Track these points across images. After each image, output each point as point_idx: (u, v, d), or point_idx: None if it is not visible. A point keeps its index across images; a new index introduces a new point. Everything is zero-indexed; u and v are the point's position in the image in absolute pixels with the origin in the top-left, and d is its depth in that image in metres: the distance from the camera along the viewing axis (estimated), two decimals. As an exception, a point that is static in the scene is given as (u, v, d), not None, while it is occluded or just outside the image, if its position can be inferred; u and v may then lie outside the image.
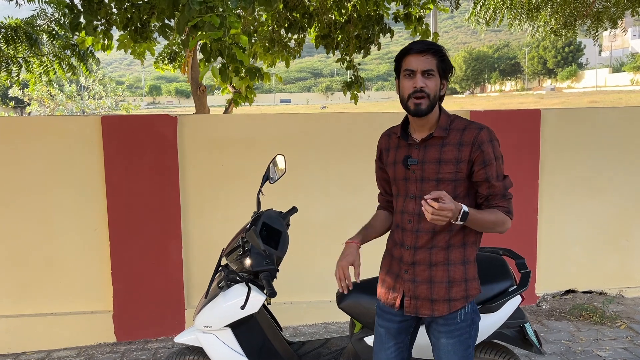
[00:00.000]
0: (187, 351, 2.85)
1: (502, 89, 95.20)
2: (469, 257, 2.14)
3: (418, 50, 2.02)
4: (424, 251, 2.11)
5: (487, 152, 2.06)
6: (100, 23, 6.20)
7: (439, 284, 2.11)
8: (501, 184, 2.11)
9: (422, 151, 2.10)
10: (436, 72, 2.03)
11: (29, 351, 4.17)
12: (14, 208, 4.11)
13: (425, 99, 2.01)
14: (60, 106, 18.83)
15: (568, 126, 4.61)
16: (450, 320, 2.12)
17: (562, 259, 4.71)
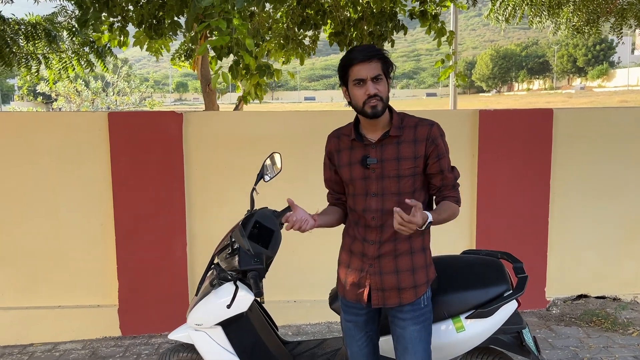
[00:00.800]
0: (182, 348, 2.85)
1: (530, 88, 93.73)
2: (427, 244, 2.28)
3: (363, 58, 2.08)
4: (389, 244, 2.20)
5: (440, 146, 2.18)
6: (117, 20, 6.27)
7: (405, 272, 2.21)
8: (452, 175, 2.23)
9: (379, 150, 2.18)
10: (383, 75, 2.12)
11: (36, 342, 4.24)
12: (23, 202, 4.18)
13: (380, 101, 2.11)
14: (86, 102, 19.16)
15: (582, 126, 4.48)
16: (416, 305, 2.22)
17: (574, 262, 4.59)
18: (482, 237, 4.40)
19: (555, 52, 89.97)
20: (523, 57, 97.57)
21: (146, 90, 21.97)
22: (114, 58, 7.73)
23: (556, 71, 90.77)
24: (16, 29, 6.72)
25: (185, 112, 4.26)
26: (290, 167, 4.15)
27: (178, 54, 7.70)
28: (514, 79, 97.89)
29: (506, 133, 4.35)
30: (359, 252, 2.25)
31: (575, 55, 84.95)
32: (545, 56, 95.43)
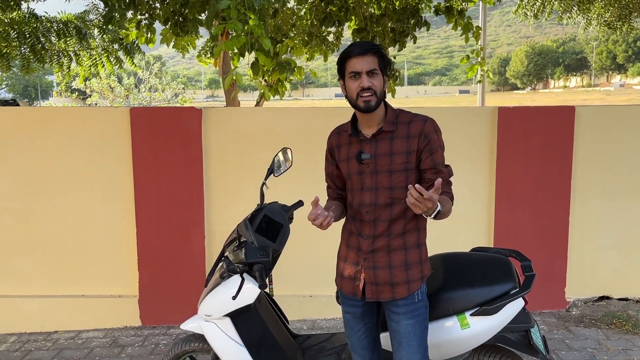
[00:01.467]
0: (193, 338, 2.92)
1: (567, 85, 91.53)
2: (422, 240, 2.30)
3: (359, 52, 2.13)
4: (382, 239, 2.23)
5: (433, 141, 2.19)
6: (144, 17, 6.40)
7: (398, 268, 2.23)
8: (446, 170, 2.27)
9: (373, 145, 2.22)
10: (379, 70, 2.15)
11: (60, 330, 4.38)
12: (49, 194, 4.32)
13: (373, 95, 2.14)
14: (119, 98, 19.60)
15: (605, 124, 4.38)
16: (410, 300, 2.24)
17: (595, 263, 4.50)
18: (500, 236, 4.35)
19: (593, 49, 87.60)
20: (560, 53, 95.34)
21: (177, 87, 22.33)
22: (143, 55, 7.89)
23: (594, 68, 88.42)
24: (48, 27, 6.93)
25: (205, 108, 4.34)
26: (305, 163, 4.19)
27: (204, 50, 7.81)
28: (550, 76, 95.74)
29: (526, 131, 4.29)
30: (354, 246, 2.31)
31: (614, 51, 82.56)
32: (583, 52, 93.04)
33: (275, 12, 6.25)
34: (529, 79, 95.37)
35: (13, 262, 4.37)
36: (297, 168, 3.54)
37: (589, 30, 8.14)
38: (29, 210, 4.34)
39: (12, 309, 4.37)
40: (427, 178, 2.22)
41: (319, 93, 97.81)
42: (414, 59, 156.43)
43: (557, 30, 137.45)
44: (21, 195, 4.32)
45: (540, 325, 4.20)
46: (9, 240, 4.35)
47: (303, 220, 3.62)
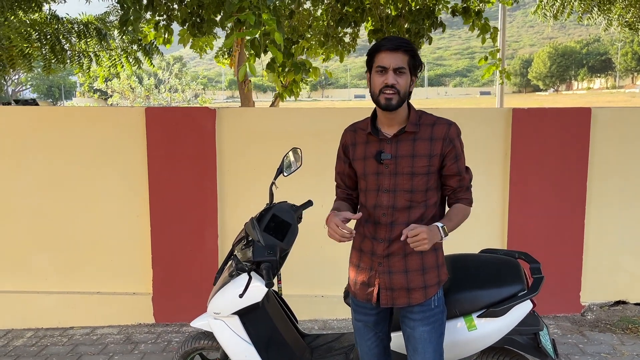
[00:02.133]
0: (203, 336, 2.96)
1: (591, 87, 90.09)
2: (438, 244, 2.20)
3: (390, 47, 2.06)
4: (398, 242, 2.15)
5: (457, 147, 2.17)
6: (162, 18, 6.48)
7: (414, 272, 2.18)
8: (468, 177, 2.23)
9: (394, 146, 2.15)
10: (407, 69, 2.09)
11: (76, 326, 4.46)
12: (66, 192, 4.40)
13: (396, 94, 2.07)
14: (139, 98, 19.85)
15: (621, 126, 4.31)
16: (426, 306, 2.19)
17: (611, 267, 4.43)
18: (514, 238, 4.31)
19: (618, 50, 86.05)
20: (584, 54, 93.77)
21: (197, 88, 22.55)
22: (161, 55, 7.99)
23: (619, 69, 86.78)
24: (69, 28, 7.07)
25: (219, 108, 4.38)
26: (317, 163, 4.21)
27: (222, 51, 7.88)
28: (574, 77, 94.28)
29: (541, 132, 4.24)
30: (368, 250, 2.23)
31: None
32: (607, 54, 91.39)
33: (291, 13, 6.27)
34: (552, 80, 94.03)
35: (31, 259, 4.46)
36: (308, 168, 3.56)
37: (610, 31, 8.02)
38: (46, 207, 4.42)
39: (29, 305, 4.46)
40: (449, 185, 2.20)
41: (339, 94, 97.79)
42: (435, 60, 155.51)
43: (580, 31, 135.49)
44: (39, 193, 4.41)
45: (554, 329, 4.15)
46: (27, 237, 4.44)
47: (315, 220, 3.64)
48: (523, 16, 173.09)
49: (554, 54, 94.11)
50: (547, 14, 7.55)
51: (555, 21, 7.82)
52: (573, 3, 7.26)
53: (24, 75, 29.06)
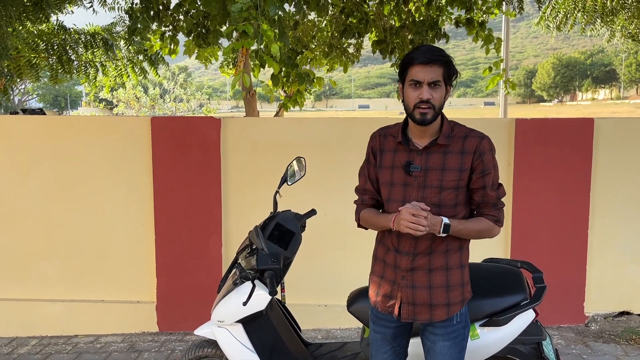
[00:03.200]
0: (206, 344, 2.96)
1: (595, 98, 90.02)
2: (464, 261, 2.18)
3: (424, 60, 1.98)
4: (423, 257, 2.11)
5: (487, 161, 2.09)
6: (168, 29, 6.56)
7: (439, 289, 2.13)
8: (495, 194, 2.14)
9: (424, 158, 2.10)
10: (442, 82, 2.02)
11: (80, 334, 4.47)
12: (71, 201, 4.44)
13: (431, 109, 2.01)
14: (144, 108, 19.97)
15: (624, 137, 4.33)
16: (448, 322, 2.15)
17: (615, 278, 4.42)
18: (518, 248, 4.31)
19: (622, 61, 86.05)
20: (588, 65, 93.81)
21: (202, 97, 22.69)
22: (167, 65, 8.07)
23: (624, 80, 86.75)
24: (76, 38, 7.15)
25: (223, 118, 4.42)
26: (321, 172, 4.24)
27: (227, 62, 7.95)
28: (578, 88, 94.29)
29: (544, 142, 4.26)
30: (391, 263, 2.17)
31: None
32: (612, 64, 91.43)
33: (295, 24, 6.33)
34: (556, 91, 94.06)
35: (36, 267, 4.48)
36: (312, 177, 3.58)
37: (613, 42, 8.06)
38: (52, 216, 4.46)
39: (34, 312, 4.48)
40: (473, 199, 2.13)
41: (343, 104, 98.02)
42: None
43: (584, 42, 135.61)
44: (45, 201, 4.44)
45: (558, 339, 4.14)
46: (32, 245, 4.47)
47: (319, 229, 3.67)
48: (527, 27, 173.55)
49: (558, 64, 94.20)
50: (550, 25, 7.59)
51: (559, 32, 7.86)
52: (576, 14, 7.30)
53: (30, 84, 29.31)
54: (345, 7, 6.19)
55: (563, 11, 7.32)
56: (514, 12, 7.19)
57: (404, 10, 6.39)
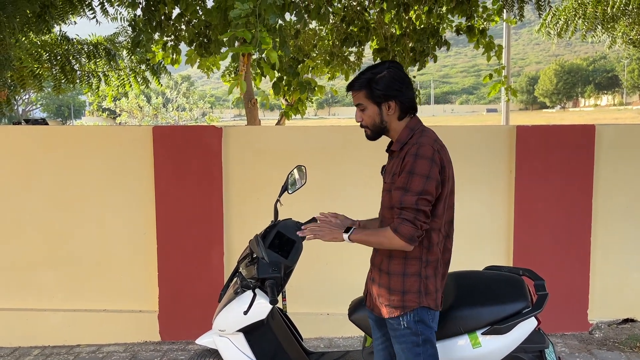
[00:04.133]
0: (208, 353, 2.96)
1: (598, 104, 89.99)
2: (409, 270, 2.20)
3: (348, 89, 2.30)
4: (378, 256, 2.33)
5: (405, 163, 2.12)
6: (170, 39, 6.60)
7: (383, 288, 2.28)
8: (398, 194, 2.10)
9: (389, 162, 2.34)
10: (366, 104, 2.23)
11: (82, 344, 4.47)
12: (73, 210, 4.45)
13: (367, 128, 2.30)
14: (147, 117, 20.03)
15: (626, 143, 4.32)
16: (395, 325, 2.25)
17: (619, 285, 4.40)
18: (520, 256, 4.30)
19: (625, 67, 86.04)
20: (590, 71, 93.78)
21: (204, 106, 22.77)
22: (169, 75, 8.11)
23: (626, 86, 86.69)
24: (79, 49, 7.20)
25: (225, 127, 4.43)
26: (322, 180, 4.24)
27: (228, 70, 7.98)
28: (580, 94, 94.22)
29: (545, 149, 4.25)
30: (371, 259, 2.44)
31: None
32: (614, 70, 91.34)
33: (297, 33, 6.36)
34: (559, 97, 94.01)
35: (38, 276, 4.49)
36: (314, 185, 3.58)
37: (615, 48, 8.07)
38: (54, 225, 4.46)
39: (36, 322, 4.48)
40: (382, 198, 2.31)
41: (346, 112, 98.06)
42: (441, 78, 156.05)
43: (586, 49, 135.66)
44: (47, 211, 4.46)
45: (561, 347, 4.12)
46: (34, 254, 4.48)
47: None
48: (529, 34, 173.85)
49: (560, 71, 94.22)
50: (551, 32, 7.61)
51: (560, 39, 7.88)
52: (577, 21, 7.31)
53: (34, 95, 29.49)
54: (346, 15, 6.22)
55: (564, 18, 7.33)
56: (514, 20, 7.22)
57: (405, 18, 6.42)
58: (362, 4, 6.56)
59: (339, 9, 6.32)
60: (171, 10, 5.89)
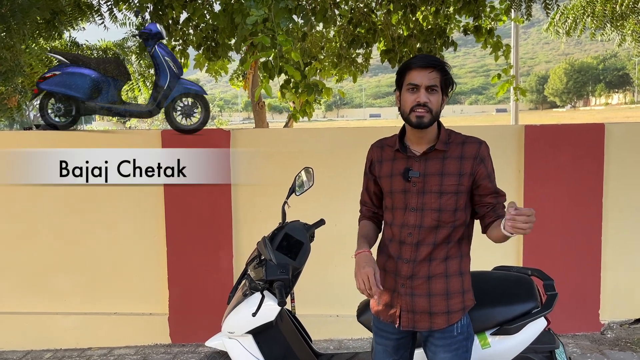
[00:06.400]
0: (217, 355, 2.97)
1: (609, 102, 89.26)
2: (464, 269, 2.17)
3: (422, 65, 2.02)
4: (423, 264, 2.12)
5: (489, 166, 2.12)
6: (178, 43, 6.64)
7: (438, 297, 2.12)
8: (504, 194, 2.17)
9: (423, 164, 2.11)
10: (439, 88, 2.05)
11: (94, 347, 4.50)
12: (84, 214, 4.48)
13: (428, 113, 2.04)
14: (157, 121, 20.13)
15: (636, 141, 4.29)
16: (448, 333, 2.12)
17: (631, 285, 4.37)
18: (530, 256, 4.27)
19: (636, 65, 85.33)
20: (600, 70, 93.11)
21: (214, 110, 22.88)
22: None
23: (637, 84, 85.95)
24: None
25: (233, 130, 4.45)
26: (330, 182, 4.24)
27: (236, 74, 8.02)
28: (591, 93, 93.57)
29: (554, 149, 4.23)
30: (392, 270, 2.18)
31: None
32: (625, 69, 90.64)
33: (304, 36, 6.38)
34: (569, 96, 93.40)
35: (50, 280, 4.53)
36: (321, 187, 3.59)
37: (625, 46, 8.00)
38: (65, 229, 4.50)
39: (49, 325, 4.52)
40: (488, 202, 2.12)
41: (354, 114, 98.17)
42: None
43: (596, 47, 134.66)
44: (59, 214, 4.49)
45: (573, 348, 4.09)
46: (46, 258, 4.52)
47: (329, 239, 3.67)
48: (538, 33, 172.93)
49: (570, 70, 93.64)
50: (560, 30, 7.56)
51: (570, 38, 7.83)
52: (585, 19, 7.27)
53: (45, 100, 29.63)
54: (353, 17, 6.23)
55: (572, 16, 7.29)
56: (522, 19, 7.19)
57: (412, 19, 6.41)
58: (369, 5, 6.56)
59: (346, 11, 6.33)
60: (179, 15, 5.92)
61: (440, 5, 6.20)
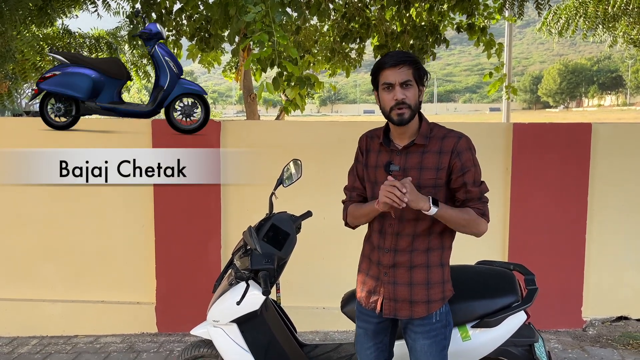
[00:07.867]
0: (202, 344, 2.99)
1: (601, 104, 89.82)
2: (445, 260, 2.23)
3: (393, 63, 2.08)
4: (404, 254, 2.18)
5: (465, 160, 2.13)
6: (171, 33, 6.63)
7: (419, 286, 2.18)
8: (477, 190, 2.17)
9: (403, 158, 2.17)
10: (413, 82, 2.10)
11: (80, 335, 4.51)
12: (72, 202, 4.48)
13: (407, 109, 2.09)
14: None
15: (622, 141, 4.34)
16: (427, 320, 2.19)
17: (613, 282, 4.43)
18: (515, 253, 4.32)
19: (629, 67, 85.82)
20: (594, 71, 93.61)
21: (207, 101, 22.82)
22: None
23: (630, 86, 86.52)
24: (81, 42, 7.23)
25: (223, 121, 4.46)
26: (319, 174, 4.27)
27: (229, 66, 8.01)
28: (584, 94, 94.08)
29: (541, 147, 4.28)
30: (375, 260, 2.25)
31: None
32: (618, 71, 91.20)
33: (298, 29, 6.38)
34: (562, 97, 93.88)
35: (37, 267, 4.53)
36: (311, 180, 3.61)
37: (618, 47, 8.07)
38: (52, 217, 4.50)
39: (35, 313, 4.52)
40: (457, 198, 2.16)
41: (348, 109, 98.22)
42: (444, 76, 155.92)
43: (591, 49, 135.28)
44: (46, 203, 4.49)
45: (555, 344, 4.15)
46: (33, 246, 4.51)
47: (317, 232, 3.70)
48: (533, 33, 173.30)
49: (564, 70, 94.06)
50: (552, 30, 7.61)
51: (561, 38, 7.88)
52: (577, 20, 7.32)
53: (37, 88, 29.45)
54: (347, 12, 6.24)
55: (565, 17, 7.34)
56: (514, 18, 7.23)
57: (406, 15, 6.44)
58: (363, 0, 6.57)
59: (340, 6, 6.34)
60: (172, 5, 5.91)
61: (434, 2, 6.23)
